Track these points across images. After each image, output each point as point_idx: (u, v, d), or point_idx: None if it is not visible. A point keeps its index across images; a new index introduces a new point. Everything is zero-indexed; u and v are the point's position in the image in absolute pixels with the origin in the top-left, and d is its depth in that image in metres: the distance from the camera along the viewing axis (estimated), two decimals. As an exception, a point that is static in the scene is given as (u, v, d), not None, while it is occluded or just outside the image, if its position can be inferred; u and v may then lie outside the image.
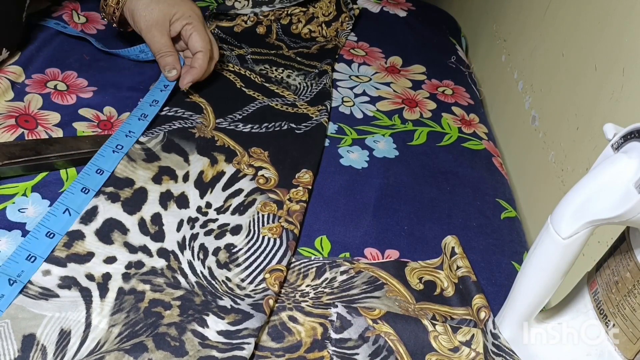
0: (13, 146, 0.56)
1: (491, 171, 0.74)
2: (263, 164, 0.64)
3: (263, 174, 0.63)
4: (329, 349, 0.48)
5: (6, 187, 0.55)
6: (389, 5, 1.06)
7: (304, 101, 0.76)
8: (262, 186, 0.62)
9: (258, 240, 0.56)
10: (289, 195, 0.61)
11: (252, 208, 0.59)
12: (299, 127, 0.71)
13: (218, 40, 0.80)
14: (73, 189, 0.55)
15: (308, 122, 0.72)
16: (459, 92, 0.88)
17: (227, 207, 0.59)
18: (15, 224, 0.52)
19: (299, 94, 0.78)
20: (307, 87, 0.79)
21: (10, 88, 0.65)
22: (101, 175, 0.57)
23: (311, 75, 0.82)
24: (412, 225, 0.63)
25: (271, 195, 0.61)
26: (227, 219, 0.58)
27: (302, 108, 0.75)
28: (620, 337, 0.44)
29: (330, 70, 0.83)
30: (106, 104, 0.67)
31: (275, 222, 0.58)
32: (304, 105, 0.75)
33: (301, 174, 0.64)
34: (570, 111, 0.71)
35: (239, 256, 0.54)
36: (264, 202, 0.60)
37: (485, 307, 0.52)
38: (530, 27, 0.90)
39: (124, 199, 0.56)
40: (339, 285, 0.54)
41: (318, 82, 0.80)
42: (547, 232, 0.43)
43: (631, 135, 0.40)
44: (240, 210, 0.59)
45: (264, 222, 0.58)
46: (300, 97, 0.77)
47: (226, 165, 0.63)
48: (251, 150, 0.66)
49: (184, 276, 0.51)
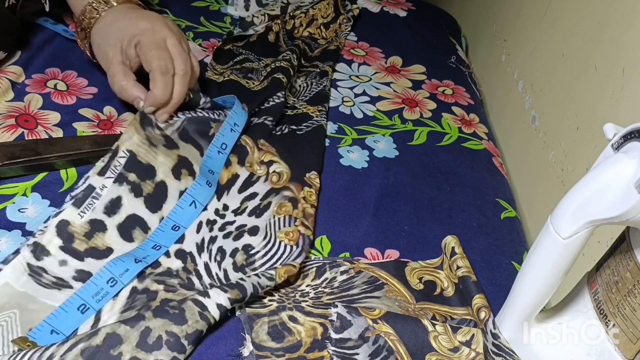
0: (13, 146, 0.56)
1: (491, 171, 0.74)
2: (273, 157, 0.64)
3: (274, 169, 0.63)
4: (329, 348, 0.48)
5: (6, 187, 0.55)
6: (389, 5, 1.06)
7: (303, 100, 0.76)
8: (275, 185, 0.62)
9: (275, 246, 0.56)
10: (303, 194, 0.61)
11: (269, 211, 0.59)
12: (300, 127, 0.71)
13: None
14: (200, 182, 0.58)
15: (309, 122, 0.72)
16: (459, 92, 0.88)
17: (244, 209, 0.59)
18: (15, 224, 0.52)
19: (298, 95, 0.78)
20: (307, 86, 0.79)
21: (10, 88, 0.65)
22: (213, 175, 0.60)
23: (312, 75, 0.81)
24: (412, 225, 0.63)
25: (285, 193, 0.61)
26: (245, 220, 0.58)
27: (301, 108, 0.75)
28: (620, 337, 0.44)
29: (331, 71, 0.83)
30: (106, 104, 0.67)
31: (291, 225, 0.57)
32: (303, 105, 0.75)
33: (312, 174, 0.64)
34: (570, 111, 0.71)
35: (255, 259, 0.54)
36: (279, 204, 0.60)
37: (485, 307, 0.52)
38: (530, 27, 0.90)
39: (146, 194, 0.56)
40: (339, 285, 0.54)
41: (318, 82, 0.80)
42: (547, 232, 0.43)
43: (631, 135, 0.40)
44: (257, 213, 0.59)
45: (281, 226, 0.57)
46: (300, 97, 0.77)
47: (239, 168, 0.63)
48: (260, 142, 0.66)
49: (199, 277, 0.52)
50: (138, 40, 0.61)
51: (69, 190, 0.56)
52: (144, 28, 0.62)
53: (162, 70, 0.60)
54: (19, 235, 0.51)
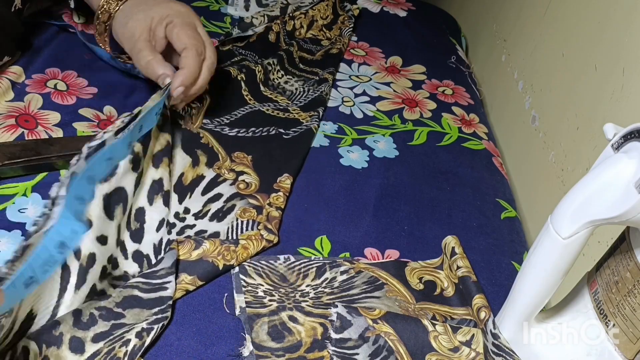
0: (13, 146, 0.57)
1: (491, 171, 0.74)
2: (245, 168, 0.64)
3: (244, 179, 0.62)
4: (329, 348, 0.48)
5: (6, 187, 0.55)
6: (389, 5, 1.06)
7: (297, 106, 0.76)
8: (242, 191, 0.61)
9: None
10: (269, 200, 0.60)
11: (232, 214, 0.58)
12: (288, 132, 0.70)
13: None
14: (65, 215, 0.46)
15: (297, 127, 0.71)
16: (459, 92, 0.88)
17: (206, 212, 0.58)
18: (15, 224, 0.52)
19: (293, 99, 0.77)
20: (304, 92, 0.79)
21: (10, 88, 0.65)
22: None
23: (310, 82, 0.81)
24: (412, 225, 0.63)
25: (251, 200, 0.60)
26: (205, 225, 0.57)
27: (293, 113, 0.74)
28: (620, 337, 0.44)
29: (331, 79, 0.82)
30: (106, 104, 0.67)
31: (254, 228, 0.57)
32: (296, 110, 0.75)
33: (282, 178, 0.63)
34: (570, 111, 0.71)
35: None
36: (243, 208, 0.59)
37: (485, 307, 0.52)
38: (530, 27, 0.90)
39: (138, 173, 0.54)
40: (339, 285, 0.54)
41: (316, 89, 0.79)
42: (547, 232, 0.43)
43: (631, 135, 0.40)
44: (219, 217, 0.58)
45: (243, 229, 0.56)
46: (294, 102, 0.77)
47: (206, 170, 0.62)
48: (234, 155, 0.65)
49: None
50: (171, 19, 0.62)
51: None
52: (178, 10, 0.63)
53: (198, 51, 0.61)
54: (19, 235, 0.51)
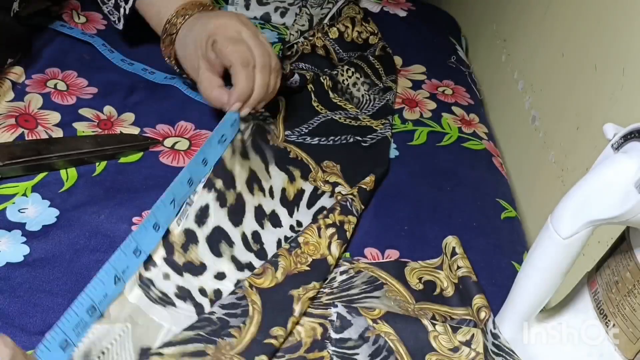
0: (13, 146, 0.57)
1: (491, 171, 0.74)
2: (337, 179, 0.64)
3: (340, 191, 0.62)
4: (329, 349, 0.48)
5: (6, 187, 0.55)
6: (389, 5, 1.06)
7: (367, 115, 0.75)
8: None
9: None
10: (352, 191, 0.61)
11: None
12: (365, 139, 0.70)
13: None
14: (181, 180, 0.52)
15: (373, 135, 0.71)
16: (459, 92, 0.88)
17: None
18: (15, 224, 0.52)
19: (361, 107, 0.77)
20: (370, 100, 0.78)
21: (11, 88, 0.65)
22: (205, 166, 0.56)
23: (375, 89, 0.80)
24: (412, 225, 0.63)
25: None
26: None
27: (364, 121, 0.74)
28: (621, 337, 0.44)
29: (394, 87, 0.82)
30: (106, 104, 0.67)
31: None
32: (366, 118, 0.74)
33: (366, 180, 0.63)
34: (570, 111, 0.71)
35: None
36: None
37: (485, 307, 0.52)
38: (530, 27, 0.90)
39: (230, 205, 0.55)
40: (339, 285, 0.54)
41: (381, 98, 0.79)
42: (547, 232, 0.43)
43: (631, 135, 0.40)
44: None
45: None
46: (363, 110, 0.76)
47: (304, 183, 0.62)
48: (323, 164, 0.65)
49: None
50: (213, 39, 0.59)
51: (69, 191, 0.56)
52: (217, 25, 0.60)
53: (243, 63, 0.58)
54: (19, 235, 0.51)
